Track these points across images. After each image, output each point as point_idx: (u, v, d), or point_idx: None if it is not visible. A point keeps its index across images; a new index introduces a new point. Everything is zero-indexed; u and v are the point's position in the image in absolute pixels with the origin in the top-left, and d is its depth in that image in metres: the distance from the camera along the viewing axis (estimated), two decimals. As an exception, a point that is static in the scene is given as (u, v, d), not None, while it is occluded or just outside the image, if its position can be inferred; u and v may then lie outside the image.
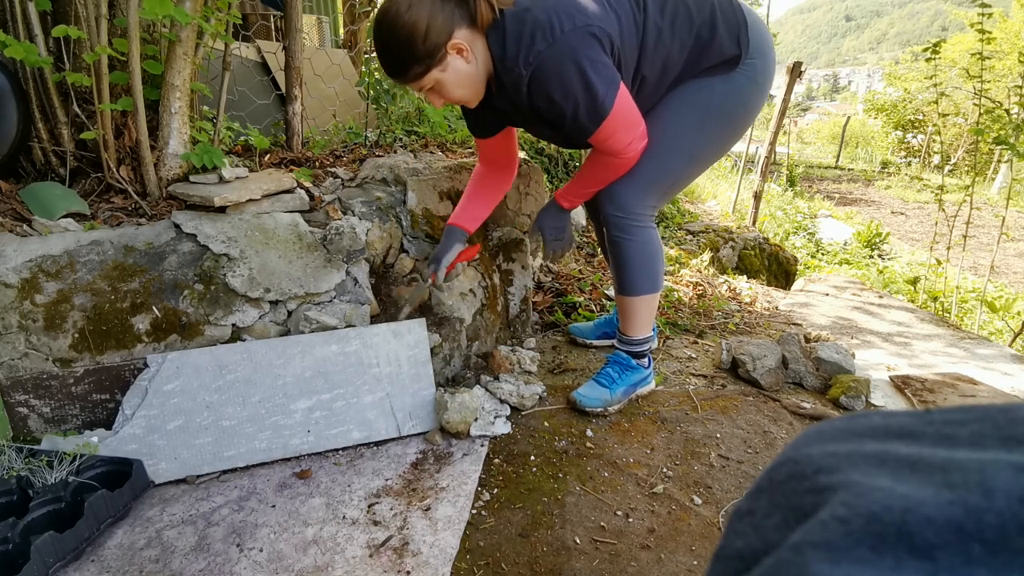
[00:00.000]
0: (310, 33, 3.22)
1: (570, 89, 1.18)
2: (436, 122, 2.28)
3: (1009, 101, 3.54)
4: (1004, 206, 3.55)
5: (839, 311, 2.62)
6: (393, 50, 1.18)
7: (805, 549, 0.20)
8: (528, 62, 1.17)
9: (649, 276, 1.47)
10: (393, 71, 1.22)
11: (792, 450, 0.27)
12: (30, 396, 1.22)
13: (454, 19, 1.17)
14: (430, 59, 1.17)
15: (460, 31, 1.18)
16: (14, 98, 1.41)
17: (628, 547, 1.10)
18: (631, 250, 1.44)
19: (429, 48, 1.16)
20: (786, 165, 10.27)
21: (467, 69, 1.22)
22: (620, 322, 1.56)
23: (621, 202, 1.40)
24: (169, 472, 1.25)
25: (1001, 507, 0.19)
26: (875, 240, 6.25)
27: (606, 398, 1.52)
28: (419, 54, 1.16)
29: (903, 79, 14.83)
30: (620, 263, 1.47)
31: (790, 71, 4.46)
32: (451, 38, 1.17)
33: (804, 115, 31.02)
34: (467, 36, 1.19)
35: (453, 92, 1.25)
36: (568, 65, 1.16)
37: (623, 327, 1.56)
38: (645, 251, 1.44)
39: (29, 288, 1.24)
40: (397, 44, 1.16)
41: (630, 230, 1.42)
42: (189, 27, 1.43)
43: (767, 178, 5.02)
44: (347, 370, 1.37)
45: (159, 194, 1.51)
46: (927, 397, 1.66)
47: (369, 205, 1.62)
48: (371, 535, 1.10)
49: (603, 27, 1.18)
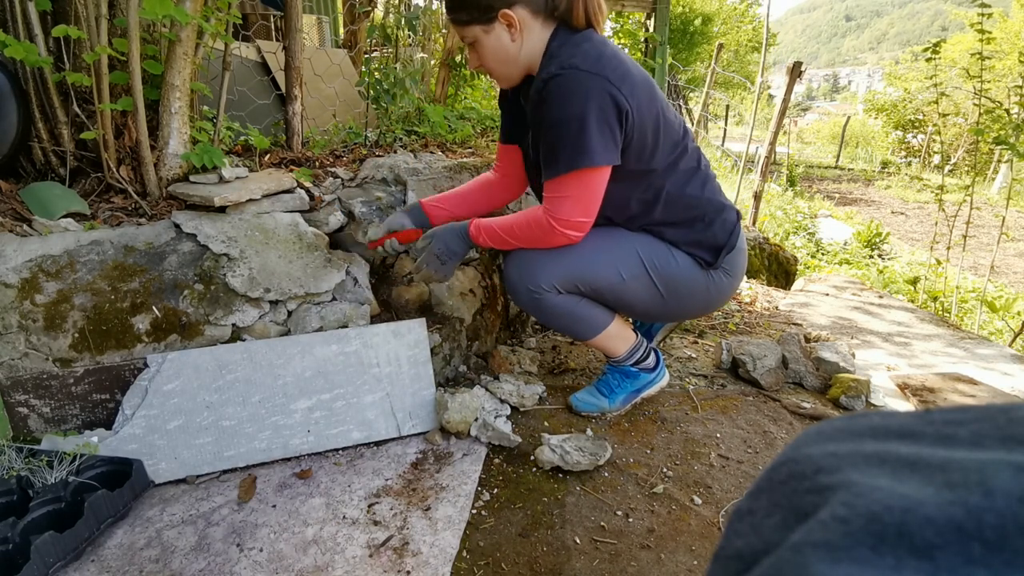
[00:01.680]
0: (310, 33, 3.22)
1: (567, 117, 1.15)
2: (436, 122, 2.28)
3: (1009, 101, 3.53)
4: (1004, 206, 3.55)
5: (839, 311, 2.62)
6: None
7: (805, 549, 0.20)
8: (560, 68, 1.16)
9: (578, 326, 1.39)
10: (447, 6, 1.25)
11: (792, 450, 0.27)
12: (30, 396, 1.22)
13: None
14: (479, 13, 1.20)
15: (521, 9, 1.19)
16: (14, 98, 1.41)
17: (628, 547, 1.10)
18: (541, 317, 1.38)
19: (482, 3, 1.18)
20: (786, 165, 10.27)
21: (509, 45, 1.23)
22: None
23: (515, 276, 1.34)
24: (169, 472, 1.25)
25: (1001, 507, 0.19)
26: (875, 240, 6.25)
27: (603, 406, 1.51)
28: (469, 3, 1.19)
29: (903, 79, 14.84)
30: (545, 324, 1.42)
31: (790, 71, 4.46)
32: (508, 8, 1.18)
33: (804, 115, 31.05)
34: (527, 18, 1.20)
35: (488, 60, 1.26)
36: (582, 97, 1.14)
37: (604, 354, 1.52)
38: (558, 314, 1.36)
39: (29, 288, 1.24)
40: None
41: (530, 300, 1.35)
42: (189, 27, 1.43)
43: (767, 178, 5.03)
44: (347, 370, 1.37)
45: (159, 194, 1.51)
46: (927, 397, 1.66)
47: (369, 205, 1.62)
48: (371, 535, 1.10)
49: (630, 109, 1.17)
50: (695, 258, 1.34)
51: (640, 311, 1.41)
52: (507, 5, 1.18)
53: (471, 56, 1.29)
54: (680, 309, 1.43)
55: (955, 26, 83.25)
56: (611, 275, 1.31)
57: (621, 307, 1.40)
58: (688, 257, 1.34)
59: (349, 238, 1.58)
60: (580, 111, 1.13)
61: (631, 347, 1.48)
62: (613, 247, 1.32)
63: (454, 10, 1.23)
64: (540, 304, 1.34)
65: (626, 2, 3.60)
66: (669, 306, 1.39)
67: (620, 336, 1.45)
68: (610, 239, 1.33)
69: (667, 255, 1.33)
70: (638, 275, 1.32)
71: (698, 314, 1.52)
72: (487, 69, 1.30)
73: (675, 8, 16.76)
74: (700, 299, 1.40)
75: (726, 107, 12.80)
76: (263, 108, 2.22)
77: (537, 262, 1.31)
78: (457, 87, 2.84)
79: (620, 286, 1.33)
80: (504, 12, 1.18)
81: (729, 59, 20.43)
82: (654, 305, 1.38)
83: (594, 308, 1.38)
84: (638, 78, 1.20)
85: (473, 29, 1.22)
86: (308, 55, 2.19)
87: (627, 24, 3.75)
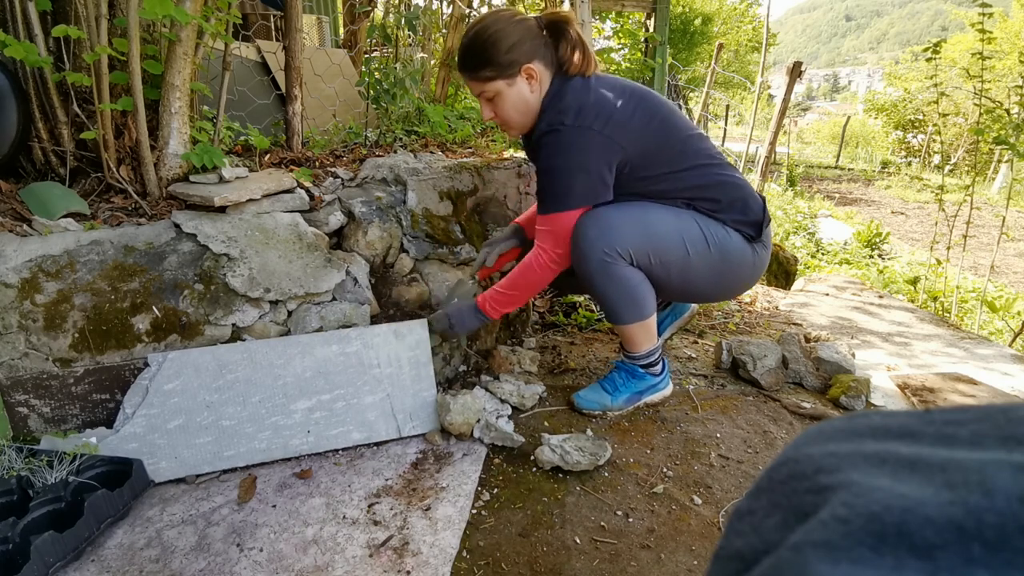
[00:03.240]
0: (310, 33, 3.22)
1: (554, 166, 1.32)
2: (436, 122, 2.28)
3: (1009, 101, 3.53)
4: (1004, 206, 3.55)
5: (839, 311, 2.62)
6: (478, 47, 1.31)
7: (805, 549, 0.20)
8: (550, 125, 1.31)
9: (630, 306, 1.41)
10: (466, 66, 1.34)
11: (792, 450, 0.27)
12: (30, 396, 1.22)
13: (538, 52, 1.32)
14: (503, 69, 1.30)
15: (539, 63, 1.32)
16: (14, 98, 1.41)
17: (628, 547, 1.10)
18: (602, 285, 1.38)
19: (507, 59, 1.30)
20: (786, 165, 10.27)
21: (528, 97, 1.34)
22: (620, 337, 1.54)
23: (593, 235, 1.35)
24: (169, 471, 1.25)
25: (1001, 507, 0.19)
26: (875, 240, 6.25)
27: (606, 403, 1.51)
28: (496, 61, 1.30)
29: (903, 79, 14.85)
30: (596, 295, 1.44)
31: (790, 71, 4.46)
32: (530, 63, 1.31)
33: (804, 115, 31.05)
34: (542, 72, 1.33)
35: (507, 110, 1.36)
36: (567, 154, 1.30)
37: (623, 343, 1.53)
38: (621, 287, 1.38)
39: (29, 288, 1.24)
40: (483, 43, 1.30)
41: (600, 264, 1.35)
42: (189, 27, 1.43)
43: (767, 178, 5.02)
44: (348, 371, 1.37)
45: (159, 194, 1.51)
46: (927, 397, 1.66)
47: (369, 205, 1.62)
48: (371, 535, 1.10)
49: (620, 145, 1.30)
50: (743, 233, 1.42)
51: (699, 288, 1.47)
52: (529, 61, 1.31)
53: (485, 108, 1.38)
54: (731, 285, 1.51)
55: (955, 26, 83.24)
56: (679, 248, 1.37)
57: (681, 284, 1.44)
58: (737, 233, 1.42)
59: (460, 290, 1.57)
60: (567, 165, 1.30)
61: (650, 348, 1.50)
62: (679, 218, 1.39)
63: (479, 68, 1.32)
64: (609, 270, 1.35)
65: (626, 2, 3.60)
66: (722, 282, 1.46)
67: (649, 333, 1.48)
68: (674, 212, 1.40)
69: (723, 230, 1.41)
70: (701, 250, 1.38)
71: (742, 291, 1.59)
72: (504, 120, 1.39)
73: (675, 8, 16.76)
74: (747, 274, 1.47)
75: (726, 107, 12.79)
76: (263, 108, 2.22)
77: (616, 226, 1.34)
78: (457, 87, 2.84)
79: (685, 260, 1.38)
80: (527, 67, 1.31)
81: (729, 59, 20.42)
82: (711, 281, 1.44)
83: (649, 293, 1.42)
84: (624, 110, 1.31)
85: (496, 84, 1.32)
86: (308, 55, 2.19)
87: (627, 24, 3.75)
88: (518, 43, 1.29)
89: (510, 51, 1.29)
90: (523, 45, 1.30)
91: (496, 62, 1.30)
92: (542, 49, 1.33)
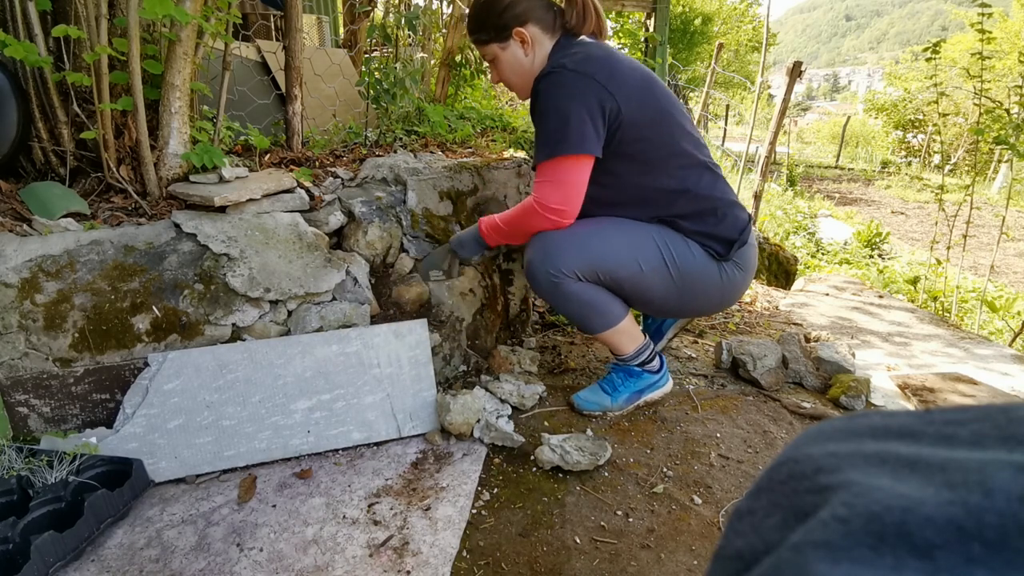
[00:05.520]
0: (310, 33, 3.22)
1: (552, 109, 1.28)
2: (436, 122, 2.27)
3: (1009, 101, 3.53)
4: (1004, 206, 3.54)
5: (839, 311, 2.62)
6: (474, 12, 1.38)
7: (805, 549, 0.20)
8: (550, 68, 1.30)
9: (593, 317, 1.40)
10: (469, 30, 1.42)
11: (792, 450, 0.27)
12: (30, 396, 1.22)
13: (533, 14, 1.34)
14: (495, 33, 1.35)
15: (533, 27, 1.35)
16: (14, 98, 1.41)
17: (628, 547, 1.10)
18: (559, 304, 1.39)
19: (498, 24, 1.34)
20: (786, 165, 10.27)
21: (523, 60, 1.37)
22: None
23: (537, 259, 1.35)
24: (169, 471, 1.25)
25: (1001, 507, 0.19)
26: (875, 240, 6.25)
27: (605, 404, 1.51)
28: (488, 24, 1.36)
29: (903, 79, 14.85)
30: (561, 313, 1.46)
31: (790, 71, 4.45)
32: (521, 26, 1.34)
33: (804, 115, 31.06)
34: (537, 34, 1.36)
35: (505, 73, 1.41)
36: (566, 92, 1.26)
37: (609, 349, 1.52)
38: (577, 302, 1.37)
39: (29, 288, 1.24)
40: (478, 7, 1.37)
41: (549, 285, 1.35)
42: (189, 27, 1.43)
43: (767, 178, 5.02)
44: (348, 370, 1.37)
45: (159, 194, 1.51)
46: (927, 397, 1.66)
47: (369, 205, 1.62)
48: (371, 535, 1.10)
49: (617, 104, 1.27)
50: (708, 250, 1.38)
51: (657, 304, 1.43)
52: (520, 24, 1.34)
53: (492, 72, 1.46)
54: (695, 303, 1.46)
55: (955, 26, 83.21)
56: (631, 264, 1.34)
57: (639, 300, 1.42)
58: (702, 249, 1.38)
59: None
60: (563, 104, 1.26)
61: (639, 347, 1.49)
62: (632, 237, 1.36)
63: (475, 31, 1.39)
64: (558, 290, 1.35)
65: (626, 2, 3.60)
66: (685, 299, 1.41)
67: (630, 334, 1.46)
68: (629, 229, 1.37)
69: (684, 246, 1.37)
70: (656, 267, 1.35)
71: (713, 309, 1.55)
72: (507, 82, 1.44)
73: (675, 8, 16.75)
74: (714, 293, 1.42)
75: (726, 107, 12.79)
76: (263, 108, 2.22)
77: (559, 247, 1.33)
78: (457, 87, 2.83)
79: (639, 276, 1.35)
80: (517, 30, 1.34)
81: (729, 59, 20.42)
82: (670, 298, 1.40)
83: (611, 301, 1.39)
84: (630, 76, 1.29)
85: (492, 47, 1.38)
86: (308, 55, 2.19)
87: (627, 24, 3.75)
88: (510, 6, 1.33)
89: (501, 15, 1.33)
90: (515, 8, 1.33)
91: (488, 25, 1.35)
92: (539, 11, 1.34)
